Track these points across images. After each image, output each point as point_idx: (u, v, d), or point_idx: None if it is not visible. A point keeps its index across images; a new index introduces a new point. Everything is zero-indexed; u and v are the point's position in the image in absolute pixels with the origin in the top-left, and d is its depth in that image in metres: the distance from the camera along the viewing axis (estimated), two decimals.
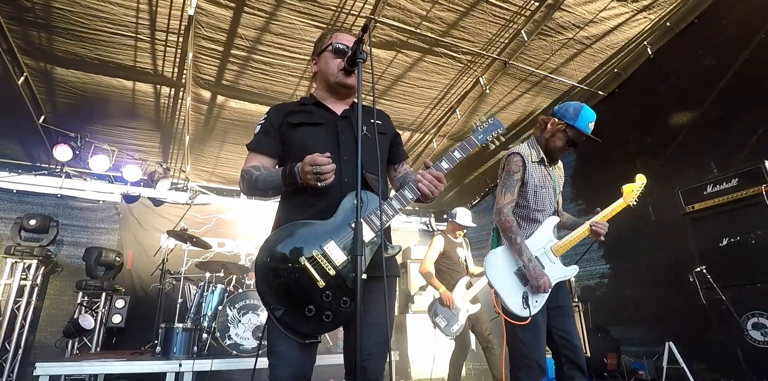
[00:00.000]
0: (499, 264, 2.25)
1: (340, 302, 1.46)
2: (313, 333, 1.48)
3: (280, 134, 1.70)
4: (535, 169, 2.36)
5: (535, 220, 2.36)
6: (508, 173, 2.34)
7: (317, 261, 1.46)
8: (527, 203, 2.35)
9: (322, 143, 1.63)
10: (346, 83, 1.71)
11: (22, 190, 5.68)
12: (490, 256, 2.29)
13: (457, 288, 4.12)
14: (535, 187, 2.34)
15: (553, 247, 2.31)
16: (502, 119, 5.70)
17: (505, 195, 2.31)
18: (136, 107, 4.92)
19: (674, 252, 4.14)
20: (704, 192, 3.57)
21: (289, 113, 1.72)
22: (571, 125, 2.32)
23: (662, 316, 4.31)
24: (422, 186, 1.57)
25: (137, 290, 5.68)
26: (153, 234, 6.02)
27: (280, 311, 1.43)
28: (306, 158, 1.46)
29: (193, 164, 6.13)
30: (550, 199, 2.40)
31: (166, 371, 3.75)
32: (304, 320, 1.44)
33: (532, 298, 2.17)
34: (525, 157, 2.34)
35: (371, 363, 1.50)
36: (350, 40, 1.74)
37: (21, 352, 4.85)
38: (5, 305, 4.83)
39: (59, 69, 4.29)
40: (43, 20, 3.71)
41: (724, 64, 4.17)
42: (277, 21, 3.92)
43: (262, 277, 1.46)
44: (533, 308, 2.16)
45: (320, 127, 1.69)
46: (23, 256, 4.96)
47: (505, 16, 4.19)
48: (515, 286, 2.20)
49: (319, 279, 1.45)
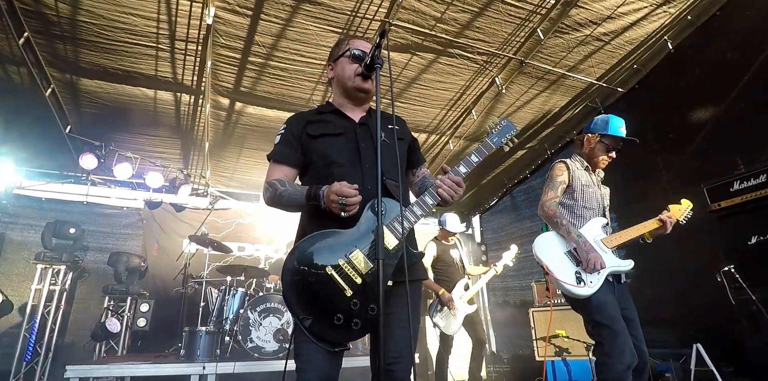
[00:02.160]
0: (549, 245, 2.36)
1: (367, 309, 1.47)
2: (342, 341, 1.48)
3: (301, 144, 1.71)
4: (581, 174, 2.55)
5: (582, 217, 2.46)
6: (551, 177, 2.54)
7: (343, 270, 1.48)
8: (574, 201, 2.49)
9: (344, 153, 1.66)
10: (363, 87, 1.72)
11: (50, 198, 5.86)
12: (540, 239, 2.40)
13: (456, 289, 4.33)
14: (582, 186, 2.49)
15: (604, 239, 2.39)
16: (518, 119, 5.71)
17: (548, 192, 2.49)
18: (158, 115, 5.04)
19: (700, 251, 4.03)
20: (731, 189, 3.48)
21: (308, 124, 1.73)
22: (605, 134, 2.53)
23: (689, 317, 4.21)
24: (442, 191, 1.58)
25: (161, 294, 5.79)
26: (175, 239, 6.14)
27: (308, 321, 1.45)
28: (333, 186, 1.46)
29: (212, 170, 6.23)
30: (598, 200, 2.52)
31: (190, 374, 3.82)
32: (333, 329, 1.45)
33: (586, 278, 2.22)
34: (569, 163, 2.55)
35: (399, 366, 1.52)
36: (366, 46, 1.75)
37: (51, 355, 4.99)
38: (36, 310, 4.98)
39: (84, 80, 4.43)
40: (69, 33, 3.84)
41: (748, 56, 4.04)
42: (293, 27, 3.98)
43: (290, 288, 1.48)
44: (588, 287, 2.20)
45: (341, 137, 1.70)
46: (52, 262, 5.11)
47: (520, 15, 4.16)
48: (567, 265, 2.28)
49: (346, 287, 1.46)
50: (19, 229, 5.55)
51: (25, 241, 5.52)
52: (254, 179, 6.52)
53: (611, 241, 2.38)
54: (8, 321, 5.12)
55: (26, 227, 5.58)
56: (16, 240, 5.50)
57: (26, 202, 5.69)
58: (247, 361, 4.10)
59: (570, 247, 2.32)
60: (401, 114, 5.30)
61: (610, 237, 2.40)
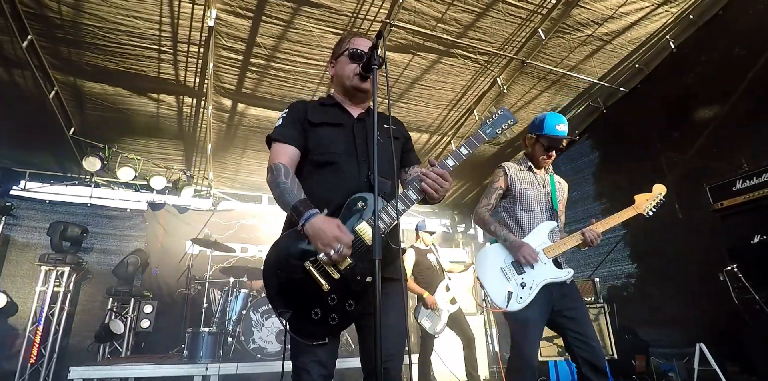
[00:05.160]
0: (488, 260, 2.41)
1: (345, 305, 1.48)
2: (320, 335, 1.49)
3: (303, 129, 1.70)
4: (518, 176, 2.57)
5: (522, 220, 2.49)
6: (489, 184, 2.65)
7: (321, 265, 1.48)
8: (514, 205, 2.53)
9: (341, 144, 1.66)
10: (361, 87, 1.73)
11: (54, 200, 5.91)
12: (480, 254, 2.47)
13: (438, 291, 4.46)
14: (520, 189, 2.53)
15: (545, 248, 2.38)
16: (520, 119, 5.67)
17: (482, 200, 2.60)
18: (160, 117, 5.06)
19: (703, 250, 4.02)
20: (734, 188, 3.45)
21: (309, 110, 1.74)
22: (541, 134, 2.52)
23: (692, 316, 4.19)
24: (425, 185, 1.54)
25: (164, 296, 5.82)
26: (178, 240, 6.15)
27: (288, 314, 1.46)
28: (336, 231, 1.42)
29: (215, 171, 6.25)
30: (539, 203, 2.52)
31: (193, 374, 3.83)
32: (311, 323, 1.46)
33: (516, 295, 2.27)
34: (507, 168, 2.59)
35: (392, 364, 1.52)
36: (367, 44, 1.74)
37: (56, 356, 5.01)
38: (40, 311, 5.00)
39: (87, 82, 4.45)
40: (73, 36, 3.87)
41: (751, 55, 4.03)
42: (294, 29, 3.99)
43: (270, 282, 1.49)
44: (517, 304, 2.25)
45: (340, 128, 1.71)
46: (56, 264, 5.14)
47: (521, 15, 4.16)
48: (500, 282, 2.33)
49: (324, 282, 1.46)
50: (23, 230, 5.59)
51: (29, 242, 5.56)
52: (257, 180, 6.53)
53: (551, 250, 2.35)
54: (12, 322, 5.15)
55: (30, 229, 5.61)
56: (21, 242, 5.54)
57: (30, 204, 5.74)
58: (249, 361, 4.10)
59: (507, 262, 2.36)
60: (403, 114, 5.33)
61: (550, 247, 2.36)
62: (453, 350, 4.80)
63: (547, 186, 2.59)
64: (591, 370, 2.19)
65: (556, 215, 2.52)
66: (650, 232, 4.70)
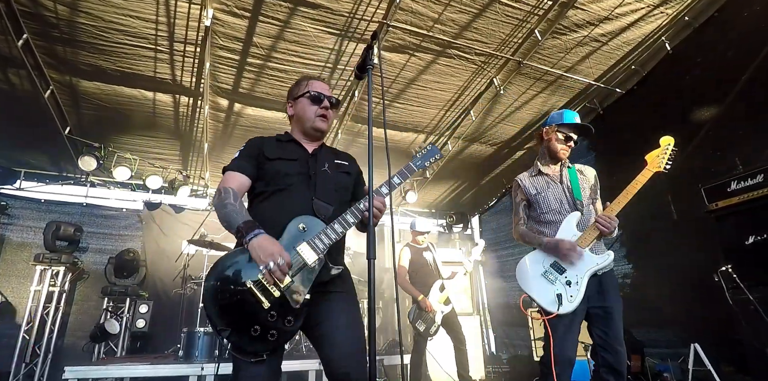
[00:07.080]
0: (527, 271, 2.42)
1: (284, 322, 1.53)
2: (259, 351, 1.53)
3: (258, 163, 1.80)
4: (531, 183, 2.62)
5: (549, 221, 2.49)
6: (513, 200, 2.72)
7: (262, 283, 1.52)
8: (536, 211, 2.56)
9: (293, 176, 1.77)
10: (321, 128, 1.89)
11: (50, 200, 5.88)
12: (518, 267, 2.46)
13: (432, 292, 4.43)
14: (535, 195, 2.56)
15: (577, 240, 2.36)
16: (517, 119, 5.73)
17: (513, 218, 2.68)
18: (157, 117, 5.05)
19: (698, 251, 4.03)
20: (728, 189, 3.47)
21: (266, 146, 1.84)
22: (560, 124, 2.60)
23: (687, 316, 4.21)
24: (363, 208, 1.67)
25: (160, 295, 5.79)
26: (174, 240, 6.13)
27: (227, 332, 1.49)
28: (277, 248, 1.52)
29: (211, 171, 6.24)
30: (559, 199, 2.53)
31: (189, 374, 3.82)
32: (250, 339, 1.50)
33: (566, 295, 2.26)
34: (519, 180, 2.65)
35: (351, 368, 1.57)
36: (324, 87, 1.91)
37: (51, 356, 4.99)
38: (35, 311, 4.98)
39: (83, 82, 4.44)
40: (68, 35, 3.85)
41: (747, 57, 4.04)
42: (291, 29, 3.99)
43: (210, 301, 1.53)
44: (569, 303, 2.24)
45: (295, 162, 1.82)
46: (51, 264, 5.11)
47: (518, 16, 4.17)
48: (546, 288, 2.32)
49: (264, 300, 1.51)
50: (19, 230, 5.57)
51: (25, 242, 5.54)
52: None
53: (582, 241, 2.34)
54: (7, 322, 5.13)
55: (25, 229, 5.59)
56: (16, 241, 5.52)
57: (25, 203, 5.71)
58: None
59: (546, 265, 2.35)
60: (399, 114, 5.34)
61: (580, 238, 2.35)
62: (447, 351, 4.77)
63: (566, 180, 2.59)
64: (609, 373, 2.18)
65: (581, 205, 2.50)
66: (646, 232, 4.72)
